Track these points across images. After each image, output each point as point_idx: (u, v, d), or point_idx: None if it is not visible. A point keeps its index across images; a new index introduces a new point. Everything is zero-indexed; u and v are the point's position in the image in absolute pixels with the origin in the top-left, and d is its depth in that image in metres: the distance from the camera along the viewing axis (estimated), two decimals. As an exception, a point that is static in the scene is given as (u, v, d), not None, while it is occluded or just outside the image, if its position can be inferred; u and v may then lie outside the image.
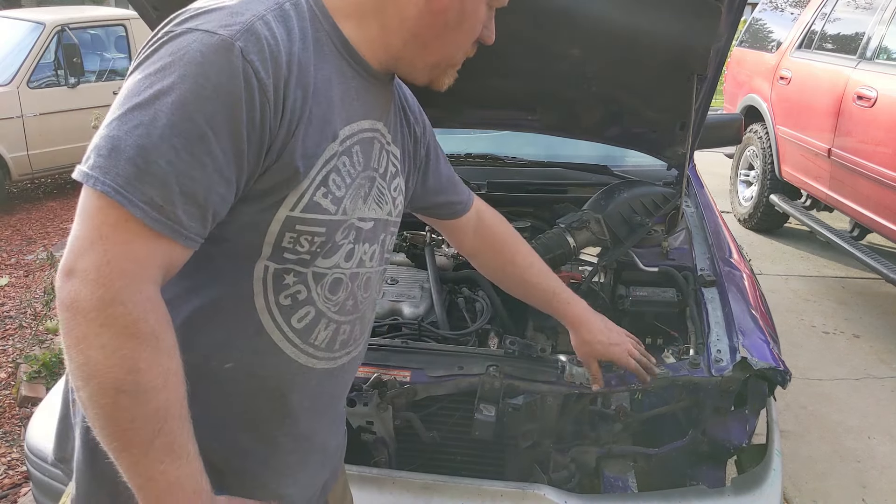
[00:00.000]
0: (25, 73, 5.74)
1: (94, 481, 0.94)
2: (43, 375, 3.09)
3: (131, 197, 0.76)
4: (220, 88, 0.78)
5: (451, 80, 1.05)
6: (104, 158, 0.76)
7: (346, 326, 1.02)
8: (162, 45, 0.81)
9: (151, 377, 0.76)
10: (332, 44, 0.92)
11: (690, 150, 2.06)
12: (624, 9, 1.65)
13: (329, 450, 1.11)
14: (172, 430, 0.78)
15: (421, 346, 1.68)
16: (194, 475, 0.81)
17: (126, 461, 0.78)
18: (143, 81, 0.79)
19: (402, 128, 1.12)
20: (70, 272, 0.76)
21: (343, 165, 0.93)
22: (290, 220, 0.88)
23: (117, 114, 0.78)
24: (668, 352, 1.67)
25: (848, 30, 4.52)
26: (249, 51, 0.80)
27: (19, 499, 2.48)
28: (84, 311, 0.74)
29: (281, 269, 0.91)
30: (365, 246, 1.01)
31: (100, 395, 0.75)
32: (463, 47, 1.01)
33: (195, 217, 0.80)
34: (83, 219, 0.77)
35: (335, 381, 1.06)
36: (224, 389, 0.93)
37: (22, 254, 5.00)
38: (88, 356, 0.75)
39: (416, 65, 1.00)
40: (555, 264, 1.98)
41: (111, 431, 0.77)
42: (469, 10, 0.95)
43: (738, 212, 5.63)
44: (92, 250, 0.76)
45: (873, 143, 3.83)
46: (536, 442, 1.57)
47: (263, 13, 0.84)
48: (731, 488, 1.49)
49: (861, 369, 3.43)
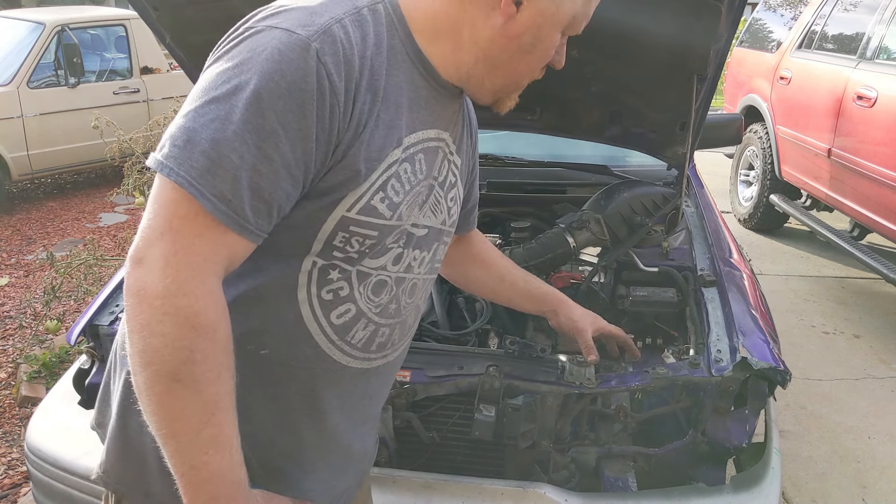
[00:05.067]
0: (25, 73, 5.74)
1: (124, 452, 0.97)
2: (43, 375, 3.09)
3: (203, 189, 0.78)
4: (293, 87, 0.80)
5: (513, 104, 1.06)
6: (179, 149, 0.78)
7: (386, 329, 1.02)
8: (242, 40, 0.83)
9: (206, 369, 0.78)
10: (405, 52, 0.93)
11: (690, 150, 2.06)
12: (624, 9, 1.65)
13: (354, 452, 1.10)
14: (220, 421, 0.81)
15: (421, 346, 1.68)
16: (235, 467, 0.83)
17: (172, 447, 0.80)
18: (221, 75, 0.81)
19: (466, 139, 1.13)
20: (139, 260, 0.78)
21: (404, 172, 0.94)
22: (346, 220, 0.89)
23: (195, 105, 0.80)
24: (668, 352, 1.67)
25: (848, 30, 4.53)
26: (325, 52, 0.82)
27: (19, 499, 2.48)
28: (149, 298, 0.77)
29: (327, 264, 0.92)
30: (416, 252, 1.01)
31: (155, 382, 0.78)
32: (533, 72, 1.01)
33: (261, 213, 0.82)
34: (156, 208, 0.80)
35: (368, 382, 1.06)
36: (257, 376, 0.94)
37: (22, 254, 5.00)
38: (149, 343, 0.77)
39: (484, 85, 1.00)
40: (555, 264, 1.98)
41: (161, 418, 0.79)
42: (543, 35, 0.96)
43: (738, 212, 5.63)
44: (162, 240, 0.78)
45: (873, 143, 3.84)
46: (536, 442, 1.57)
47: (342, 17, 0.86)
48: (731, 487, 1.49)
49: (861, 369, 3.43)
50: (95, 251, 3.68)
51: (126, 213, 5.96)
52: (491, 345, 1.85)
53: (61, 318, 3.57)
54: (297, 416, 0.99)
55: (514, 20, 0.93)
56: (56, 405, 1.79)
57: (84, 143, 5.91)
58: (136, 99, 6.54)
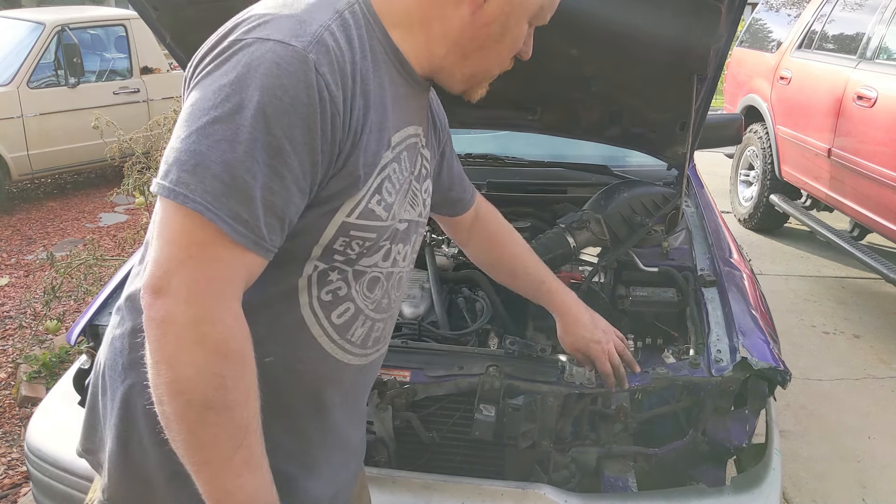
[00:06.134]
0: (25, 73, 5.74)
1: (128, 474, 0.97)
2: (43, 375, 3.09)
3: (220, 213, 0.77)
4: (296, 101, 0.80)
5: (483, 92, 1.08)
6: (189, 174, 0.77)
7: (380, 324, 1.05)
8: (233, 54, 0.81)
9: (237, 394, 0.79)
10: (384, 51, 0.94)
11: (690, 150, 2.05)
12: (624, 9, 1.65)
13: (351, 445, 1.13)
14: (251, 443, 0.81)
15: (421, 345, 1.68)
16: (267, 486, 0.84)
17: (206, 474, 0.80)
18: (219, 92, 0.79)
19: (432, 130, 1.15)
20: (160, 290, 0.77)
21: (394, 172, 0.95)
22: (346, 225, 0.90)
23: (196, 126, 0.79)
24: (668, 352, 1.67)
25: (848, 30, 4.52)
26: (321, 63, 0.82)
27: (19, 499, 2.48)
28: (176, 329, 0.76)
29: (328, 267, 0.93)
30: (399, 246, 1.03)
31: (187, 411, 0.77)
32: (502, 61, 1.03)
33: (275, 229, 0.82)
34: (170, 236, 0.78)
35: (364, 377, 1.08)
36: (262, 383, 0.94)
37: (22, 254, 5.00)
38: (179, 373, 0.77)
39: (454, 74, 1.02)
40: (555, 264, 1.98)
41: (194, 445, 0.79)
42: (512, 25, 0.98)
43: (738, 212, 5.63)
44: (182, 269, 0.77)
45: (873, 143, 3.83)
46: (536, 442, 1.57)
47: (329, 23, 0.86)
48: (731, 487, 1.49)
49: (861, 369, 3.43)
50: (95, 251, 3.68)
51: (126, 213, 5.96)
52: (491, 345, 1.84)
53: (61, 318, 3.57)
54: (302, 418, 1.00)
55: (482, 10, 0.95)
56: (56, 405, 1.79)
57: (84, 143, 5.90)
58: (136, 99, 6.54)
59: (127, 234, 4.09)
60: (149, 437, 0.92)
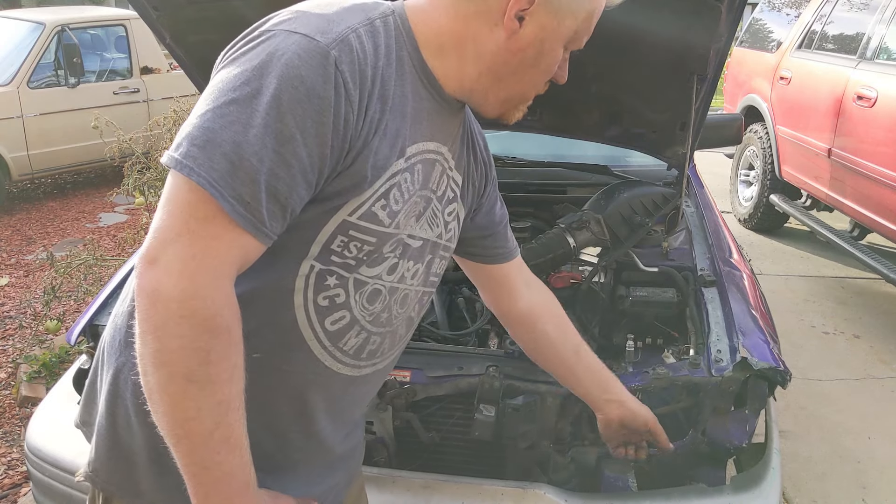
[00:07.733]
0: (25, 73, 5.74)
1: (114, 449, 0.97)
2: (43, 375, 3.09)
3: (223, 191, 0.78)
4: (312, 93, 0.81)
5: (520, 115, 1.07)
6: (199, 149, 0.78)
7: (377, 338, 1.03)
8: (259, 43, 0.84)
9: (220, 370, 0.79)
10: (412, 64, 0.95)
11: (690, 150, 2.06)
12: (624, 9, 1.65)
13: (336, 454, 1.11)
14: (231, 422, 0.81)
15: (420, 346, 1.68)
16: (245, 467, 0.84)
17: (184, 449, 0.80)
18: (240, 76, 0.81)
19: (469, 157, 1.14)
20: (153, 260, 0.78)
21: (404, 181, 0.95)
22: (346, 224, 0.90)
23: (213, 105, 0.81)
24: (668, 352, 1.67)
25: (848, 30, 4.53)
26: (342, 60, 0.83)
27: (19, 499, 2.48)
28: (165, 300, 0.77)
29: (325, 269, 0.93)
30: (409, 263, 1.02)
31: (169, 383, 0.78)
32: (537, 85, 1.03)
33: (276, 216, 0.83)
34: (171, 207, 0.79)
35: (356, 389, 1.06)
36: (248, 378, 0.94)
37: (22, 254, 5.00)
38: (164, 344, 0.77)
39: (488, 98, 1.02)
40: (555, 264, 1.98)
41: (174, 419, 0.79)
42: (547, 50, 0.98)
43: (738, 212, 5.63)
44: (178, 241, 0.78)
45: (873, 143, 3.84)
46: (536, 442, 1.57)
47: (357, 27, 0.87)
48: (731, 487, 1.49)
49: (861, 370, 3.43)
50: (95, 251, 3.69)
51: (126, 213, 5.96)
52: (491, 345, 1.84)
53: (61, 318, 3.57)
54: (285, 419, 1.00)
55: (518, 35, 0.95)
56: (56, 405, 1.79)
57: (84, 143, 5.90)
58: (136, 99, 6.54)
59: (127, 234, 4.09)
60: (135, 414, 0.93)
